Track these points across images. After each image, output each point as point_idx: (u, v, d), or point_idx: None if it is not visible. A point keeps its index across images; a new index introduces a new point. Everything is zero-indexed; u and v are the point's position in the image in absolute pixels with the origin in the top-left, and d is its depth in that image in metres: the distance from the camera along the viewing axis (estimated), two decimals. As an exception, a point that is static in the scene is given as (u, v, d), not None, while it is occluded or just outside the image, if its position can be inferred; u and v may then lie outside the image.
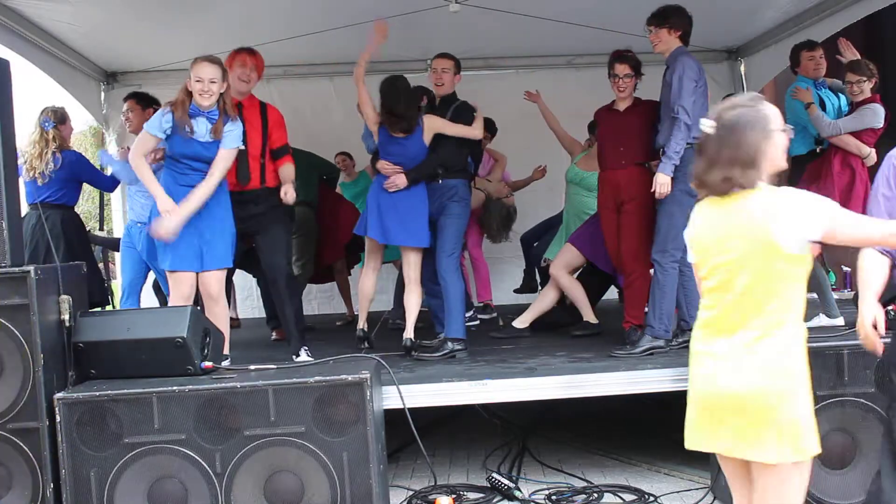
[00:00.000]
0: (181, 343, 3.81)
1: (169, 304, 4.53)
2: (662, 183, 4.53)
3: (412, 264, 5.11)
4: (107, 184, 6.08)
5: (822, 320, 4.95)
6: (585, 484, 4.25)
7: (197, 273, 4.37)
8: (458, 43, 6.93)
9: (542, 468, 4.58)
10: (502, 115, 6.68)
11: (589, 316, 5.66)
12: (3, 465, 3.61)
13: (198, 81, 4.22)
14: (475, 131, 5.15)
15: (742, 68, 7.78)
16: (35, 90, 8.25)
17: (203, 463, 3.58)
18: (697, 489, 4.08)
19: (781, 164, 2.44)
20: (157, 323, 3.93)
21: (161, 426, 3.58)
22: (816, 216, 2.35)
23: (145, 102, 5.53)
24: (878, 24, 6.39)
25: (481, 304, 6.96)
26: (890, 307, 3.95)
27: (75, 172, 5.58)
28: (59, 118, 5.58)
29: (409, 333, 5.08)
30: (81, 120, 6.20)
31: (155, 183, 4.27)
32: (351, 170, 7.52)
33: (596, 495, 4.08)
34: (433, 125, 5.07)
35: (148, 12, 5.73)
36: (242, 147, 4.45)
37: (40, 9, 5.42)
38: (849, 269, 6.45)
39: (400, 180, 4.99)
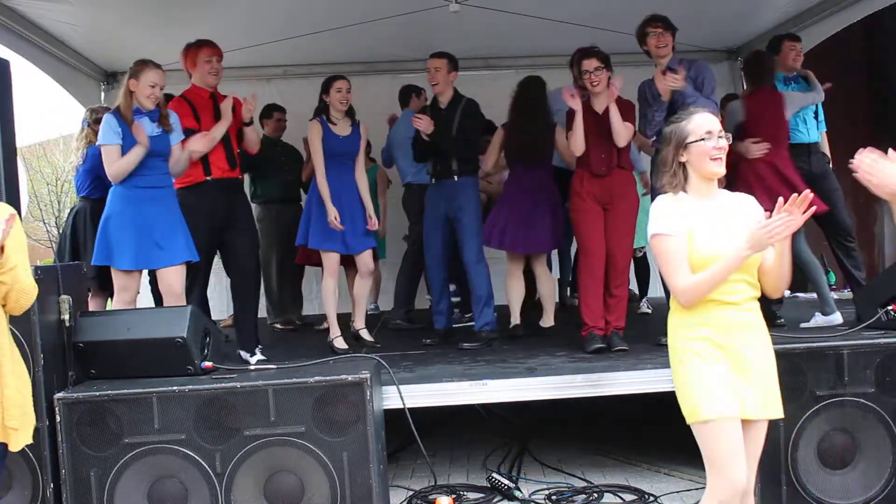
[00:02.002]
0: (181, 343, 3.81)
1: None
2: None
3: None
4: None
5: (818, 319, 4.96)
6: (585, 484, 4.25)
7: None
8: (458, 43, 6.91)
9: (542, 468, 4.58)
10: (502, 116, 6.66)
11: (516, 317, 5.74)
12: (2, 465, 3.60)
13: (152, 87, 4.42)
14: None
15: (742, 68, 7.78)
16: (35, 90, 8.26)
17: (203, 463, 3.58)
18: (697, 489, 4.07)
19: (703, 169, 2.76)
20: (157, 323, 3.94)
21: (161, 426, 3.58)
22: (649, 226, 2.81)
23: None
24: (878, 24, 6.38)
25: None
26: (890, 307, 3.95)
27: (96, 166, 5.63)
28: (95, 118, 5.70)
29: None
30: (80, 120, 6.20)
31: (131, 152, 4.35)
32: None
33: (596, 495, 4.09)
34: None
35: (148, 12, 5.73)
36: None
37: (40, 9, 5.41)
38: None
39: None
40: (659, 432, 5.00)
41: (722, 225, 2.74)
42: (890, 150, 2.56)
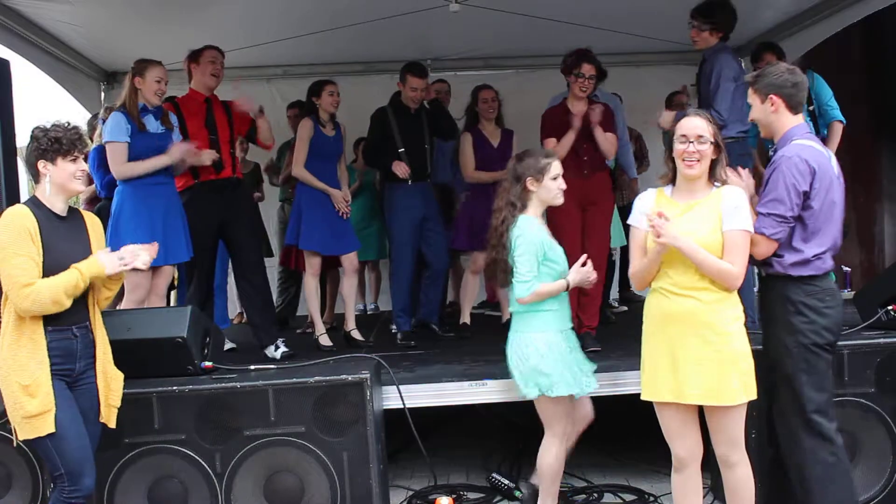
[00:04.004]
0: (181, 343, 3.81)
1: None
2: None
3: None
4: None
5: None
6: (585, 484, 4.25)
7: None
8: (458, 43, 6.94)
9: (542, 468, 4.57)
10: (503, 116, 6.67)
11: (465, 317, 5.77)
12: (3, 465, 3.61)
13: (157, 82, 4.48)
14: None
15: (742, 68, 7.78)
16: (35, 90, 8.24)
17: (203, 463, 3.58)
18: (697, 489, 4.07)
19: (679, 168, 3.06)
20: (157, 323, 3.94)
21: (161, 426, 3.58)
22: None
23: None
24: (878, 25, 6.37)
25: (493, 302, 6.94)
26: (890, 307, 3.95)
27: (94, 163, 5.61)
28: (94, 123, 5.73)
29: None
30: (82, 119, 6.18)
31: (152, 160, 4.44)
32: None
33: (596, 495, 4.09)
34: None
35: (148, 12, 5.72)
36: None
37: (40, 9, 5.41)
38: (849, 270, 6.44)
39: None
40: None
41: (680, 218, 2.99)
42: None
